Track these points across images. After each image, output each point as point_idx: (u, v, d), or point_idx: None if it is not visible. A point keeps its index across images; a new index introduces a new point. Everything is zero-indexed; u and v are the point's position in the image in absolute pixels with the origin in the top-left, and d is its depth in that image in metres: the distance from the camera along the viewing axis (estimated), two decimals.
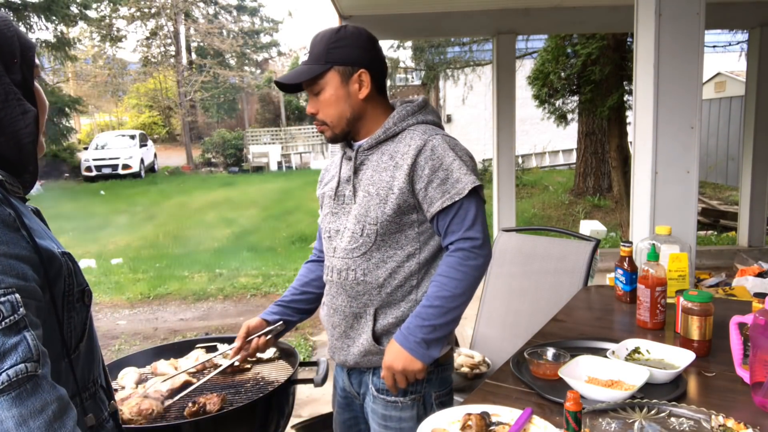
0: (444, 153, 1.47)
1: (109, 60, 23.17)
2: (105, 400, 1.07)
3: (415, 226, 1.52)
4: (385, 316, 1.54)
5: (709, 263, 5.92)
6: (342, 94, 1.52)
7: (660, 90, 2.35)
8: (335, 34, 1.52)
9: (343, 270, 1.55)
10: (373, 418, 1.59)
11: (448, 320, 1.46)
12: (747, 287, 3.68)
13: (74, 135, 19.88)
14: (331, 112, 1.53)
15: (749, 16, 5.63)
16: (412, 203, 1.49)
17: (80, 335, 1.00)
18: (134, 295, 6.12)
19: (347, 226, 1.55)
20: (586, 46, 7.19)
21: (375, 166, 1.53)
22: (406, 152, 1.49)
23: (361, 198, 1.53)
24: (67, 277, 0.97)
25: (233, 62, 24.83)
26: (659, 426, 1.17)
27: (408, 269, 1.52)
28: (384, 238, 1.51)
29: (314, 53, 1.52)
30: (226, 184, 16.49)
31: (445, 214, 1.47)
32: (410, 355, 1.44)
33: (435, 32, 6.59)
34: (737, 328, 1.43)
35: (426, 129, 1.52)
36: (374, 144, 1.55)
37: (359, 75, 1.51)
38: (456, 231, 1.47)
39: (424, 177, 1.46)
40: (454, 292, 1.44)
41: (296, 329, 4.81)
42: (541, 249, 2.53)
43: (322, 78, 1.51)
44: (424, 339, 1.44)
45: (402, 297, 1.53)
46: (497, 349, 2.48)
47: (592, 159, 10.40)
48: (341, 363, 1.65)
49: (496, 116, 5.54)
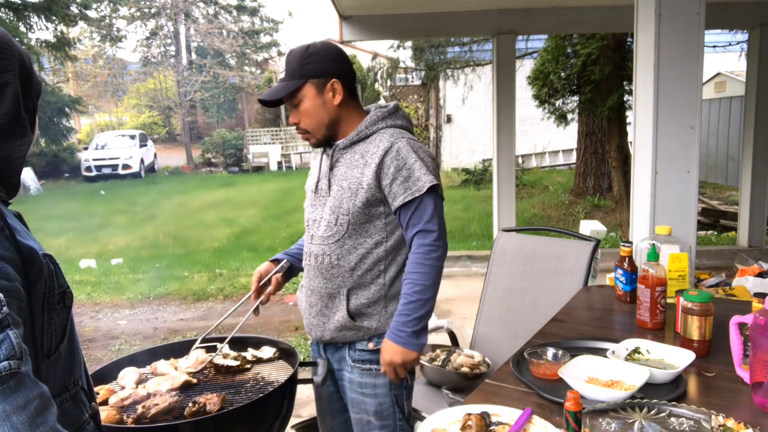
0: (407, 154, 1.67)
1: (109, 60, 23.19)
2: (86, 402, 1.08)
3: (382, 217, 1.72)
4: (357, 297, 1.74)
5: (709, 263, 5.92)
6: (318, 103, 1.71)
7: (660, 90, 2.35)
8: (306, 50, 1.70)
9: (320, 255, 1.76)
10: (350, 387, 1.81)
11: (428, 309, 1.68)
12: (747, 287, 3.68)
13: (74, 135, 19.92)
14: (311, 121, 1.73)
15: (749, 16, 5.64)
16: (379, 197, 1.69)
17: (60, 337, 1.00)
18: (134, 295, 6.12)
19: (323, 216, 1.76)
20: (586, 46, 7.19)
21: (348, 164, 1.73)
22: (375, 152, 1.69)
23: (335, 191, 1.73)
24: (48, 279, 0.97)
25: (233, 62, 24.83)
26: (659, 426, 1.18)
27: (376, 255, 1.73)
28: (355, 227, 1.71)
29: (290, 70, 1.71)
30: (226, 184, 16.49)
31: (406, 209, 1.68)
32: (405, 348, 1.66)
33: (435, 32, 6.59)
34: (737, 328, 1.43)
35: (394, 132, 1.72)
36: (348, 144, 1.74)
37: (332, 84, 1.70)
38: (416, 224, 1.68)
39: (389, 174, 1.67)
40: (426, 284, 1.66)
41: (296, 329, 4.82)
42: (541, 249, 2.53)
43: (299, 91, 1.70)
44: (413, 331, 1.66)
45: (371, 280, 1.74)
46: (497, 349, 2.48)
47: (592, 159, 10.40)
48: (318, 339, 1.85)
49: (496, 116, 5.54)
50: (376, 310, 1.75)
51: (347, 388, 1.82)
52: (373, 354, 1.76)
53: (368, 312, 1.74)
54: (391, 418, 1.78)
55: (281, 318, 5.19)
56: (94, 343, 4.81)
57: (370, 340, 1.76)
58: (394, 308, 1.74)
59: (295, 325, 4.92)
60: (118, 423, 1.57)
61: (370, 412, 1.78)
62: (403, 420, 1.81)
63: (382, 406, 1.77)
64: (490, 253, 2.70)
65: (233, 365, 1.87)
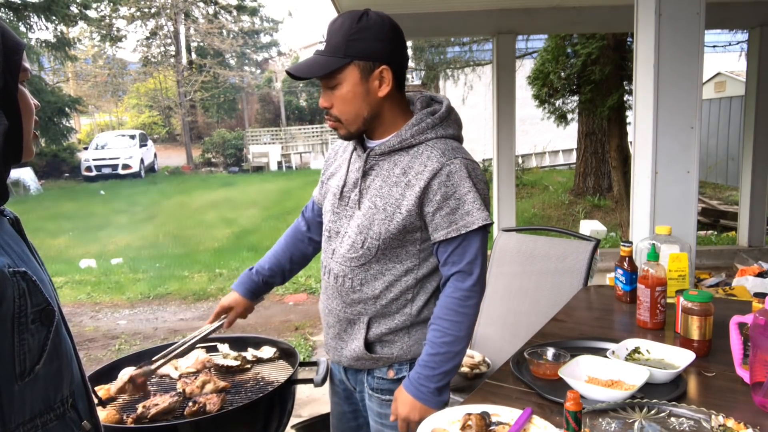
0: (460, 181, 1.41)
1: (109, 60, 23.17)
2: (77, 420, 1.02)
3: (417, 243, 1.48)
4: (378, 326, 1.52)
5: (709, 263, 5.92)
6: (360, 91, 1.41)
7: (660, 90, 2.35)
8: (356, 23, 1.38)
9: (340, 276, 1.53)
10: (370, 415, 1.62)
11: (456, 363, 1.46)
12: (747, 287, 3.67)
13: (74, 135, 19.88)
14: (348, 109, 1.43)
15: (749, 16, 5.63)
16: (418, 225, 1.45)
17: (37, 358, 0.92)
18: (134, 295, 6.12)
19: (348, 233, 1.52)
20: (586, 46, 7.19)
21: (385, 177, 1.46)
22: (420, 172, 1.42)
23: (366, 208, 1.48)
24: (18, 299, 0.89)
25: (233, 62, 24.83)
26: (659, 426, 1.17)
27: (405, 283, 1.50)
28: (385, 252, 1.47)
29: (332, 44, 1.39)
30: (226, 184, 16.48)
31: (447, 244, 1.44)
32: (425, 405, 1.43)
33: (435, 32, 6.60)
34: (737, 328, 1.43)
35: (446, 149, 1.43)
36: (388, 151, 1.47)
37: (381, 72, 1.40)
38: (456, 263, 1.44)
39: (435, 202, 1.41)
40: (458, 335, 1.43)
41: (296, 329, 4.82)
42: (541, 249, 2.53)
43: (340, 72, 1.39)
44: (437, 388, 1.44)
45: (397, 310, 1.51)
46: (497, 349, 2.48)
47: (592, 159, 10.40)
48: (335, 361, 1.66)
49: (496, 116, 5.54)
50: (398, 337, 1.53)
51: (369, 413, 1.65)
52: (392, 383, 1.55)
53: (389, 340, 1.53)
54: None
55: (281, 318, 5.19)
56: (94, 343, 4.82)
57: (390, 367, 1.56)
58: (418, 335, 1.53)
59: (295, 325, 4.93)
60: (118, 423, 1.57)
61: None
62: None
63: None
64: (490, 253, 2.70)
65: (233, 365, 1.87)
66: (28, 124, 0.97)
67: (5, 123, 0.90)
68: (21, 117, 0.95)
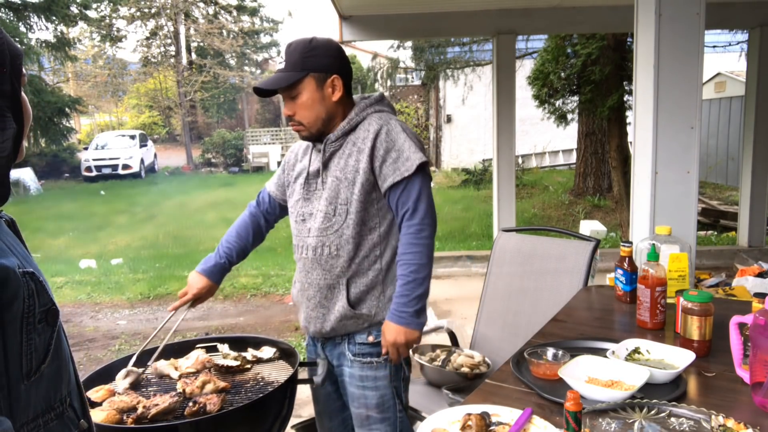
0: (396, 135, 1.71)
1: (109, 60, 23.16)
2: (75, 419, 1.03)
3: (375, 202, 1.74)
4: (356, 285, 1.76)
5: (709, 263, 5.92)
6: (317, 97, 1.72)
7: (660, 90, 2.35)
8: (309, 44, 1.71)
9: (318, 247, 1.76)
10: (350, 382, 1.81)
11: (425, 288, 1.72)
12: (747, 287, 3.68)
13: (74, 135, 19.86)
14: (308, 114, 1.73)
15: (749, 16, 5.63)
16: (372, 181, 1.72)
17: (42, 357, 0.93)
18: (134, 295, 6.12)
19: (319, 209, 1.76)
20: (586, 46, 7.19)
21: (341, 154, 1.75)
22: (366, 137, 1.72)
23: (330, 183, 1.75)
24: (28, 298, 0.90)
25: (233, 62, 24.81)
26: (659, 426, 1.18)
27: (371, 241, 1.75)
28: (352, 215, 1.72)
29: (291, 61, 1.71)
30: (226, 184, 16.48)
31: (395, 189, 1.71)
32: (408, 328, 1.70)
33: (435, 32, 6.59)
34: (737, 328, 1.43)
35: (381, 115, 1.76)
36: (340, 135, 1.75)
37: (332, 80, 1.72)
38: (405, 203, 1.71)
39: (380, 157, 1.70)
40: (420, 262, 1.70)
41: (296, 329, 4.82)
42: (541, 249, 2.53)
43: (300, 84, 1.70)
44: (414, 310, 1.70)
45: (368, 266, 1.76)
46: (497, 349, 2.48)
47: (592, 159, 10.39)
48: (317, 332, 1.83)
49: (496, 116, 5.54)
50: (374, 295, 1.77)
51: (347, 383, 1.83)
52: (372, 347, 1.78)
53: (366, 298, 1.77)
54: (391, 411, 1.80)
55: (281, 318, 5.19)
56: (94, 343, 4.81)
57: (369, 333, 1.78)
58: (390, 293, 1.77)
59: (295, 325, 4.92)
60: (118, 423, 1.57)
61: (371, 406, 1.79)
62: (403, 413, 1.82)
63: (384, 398, 1.79)
64: (490, 253, 2.70)
65: (233, 365, 1.88)
66: (25, 128, 0.99)
67: (14, 126, 0.92)
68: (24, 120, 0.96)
